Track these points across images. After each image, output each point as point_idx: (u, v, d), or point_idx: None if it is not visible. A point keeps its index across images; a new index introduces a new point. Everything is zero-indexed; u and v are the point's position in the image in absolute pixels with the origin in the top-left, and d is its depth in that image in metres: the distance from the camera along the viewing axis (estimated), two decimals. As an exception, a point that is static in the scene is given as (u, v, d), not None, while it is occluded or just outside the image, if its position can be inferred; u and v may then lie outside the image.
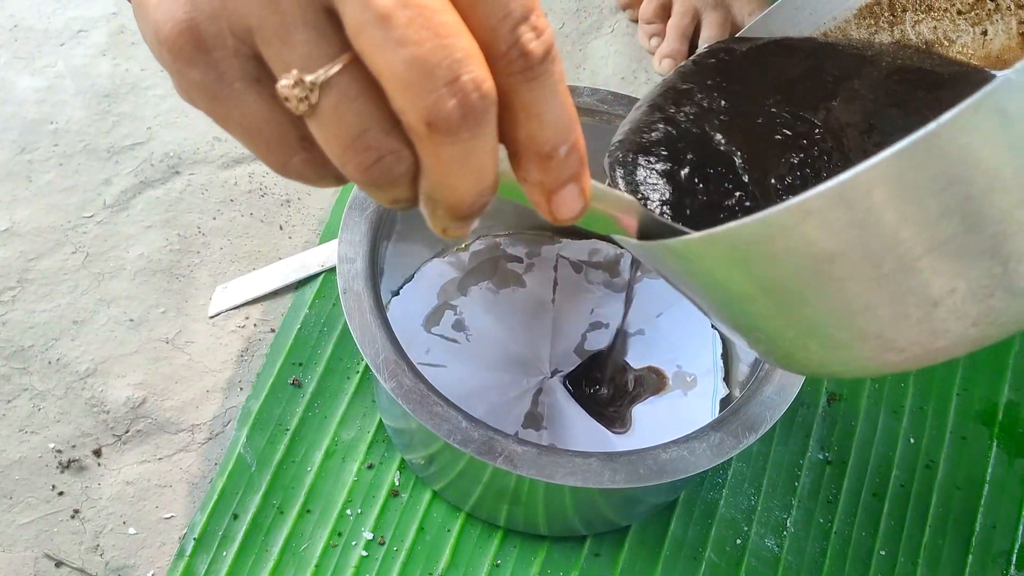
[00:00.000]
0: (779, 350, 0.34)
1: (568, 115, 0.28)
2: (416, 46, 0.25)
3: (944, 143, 0.25)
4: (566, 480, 0.46)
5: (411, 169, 0.27)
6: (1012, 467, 0.62)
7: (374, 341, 0.49)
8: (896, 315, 0.30)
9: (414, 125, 0.26)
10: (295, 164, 0.29)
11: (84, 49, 0.74)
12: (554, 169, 0.29)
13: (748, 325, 0.34)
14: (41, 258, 0.64)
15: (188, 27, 0.26)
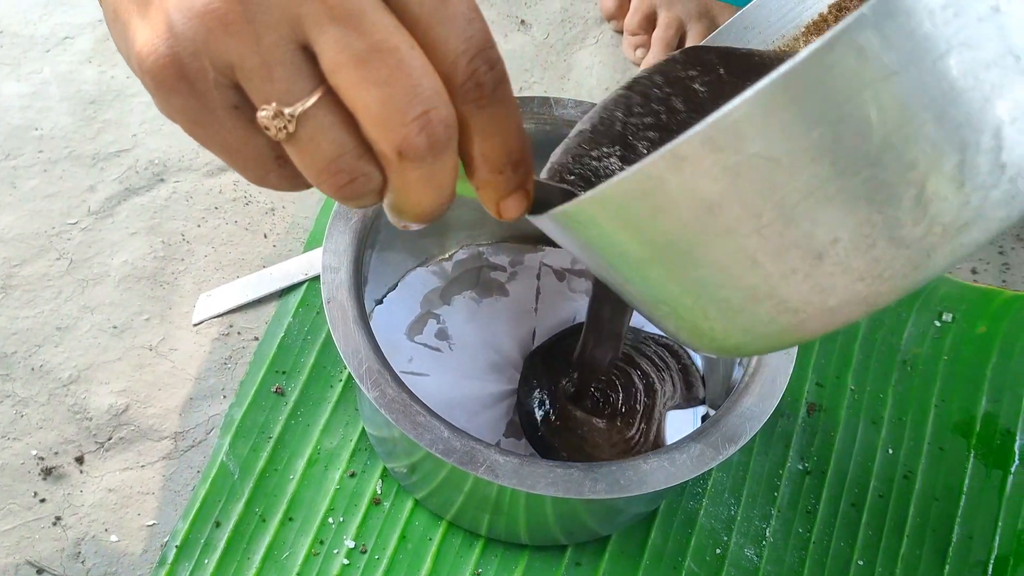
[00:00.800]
0: (685, 323, 0.34)
1: (517, 136, 0.32)
2: (388, 87, 0.27)
3: (803, 81, 0.25)
4: (547, 490, 0.46)
5: (379, 186, 0.31)
6: (989, 478, 0.62)
7: (358, 351, 0.49)
8: (783, 270, 0.29)
9: (386, 153, 0.29)
10: (271, 178, 0.31)
11: (70, 56, 0.74)
12: (504, 182, 0.33)
13: (652, 297, 0.34)
14: (25, 264, 0.64)
15: (171, 61, 0.27)
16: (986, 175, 0.27)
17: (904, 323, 0.67)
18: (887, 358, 0.66)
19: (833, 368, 0.65)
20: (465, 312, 0.63)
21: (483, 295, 0.64)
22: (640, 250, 0.32)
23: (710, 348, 0.35)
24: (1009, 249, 0.73)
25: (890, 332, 0.67)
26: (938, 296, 0.68)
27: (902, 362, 0.66)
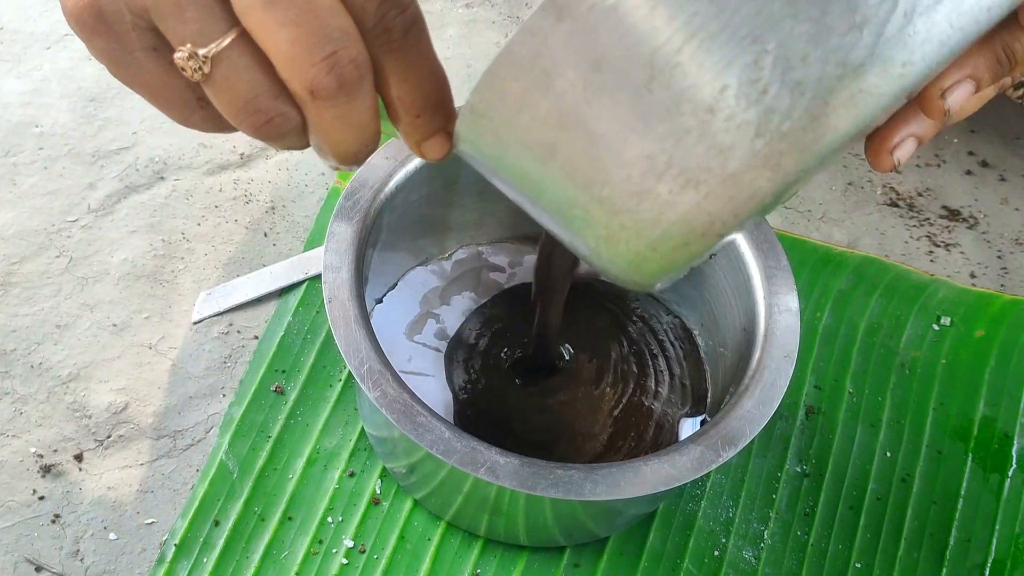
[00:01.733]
0: (600, 230, 0.33)
1: (434, 81, 0.32)
2: (297, 26, 0.28)
3: None
4: (547, 492, 0.46)
5: (299, 126, 0.31)
6: (987, 482, 0.62)
7: (359, 351, 0.49)
8: (677, 130, 0.28)
9: (299, 92, 0.30)
10: (195, 120, 0.32)
11: (70, 53, 0.74)
12: (422, 125, 0.33)
13: (565, 202, 0.33)
14: (24, 261, 0.64)
15: (90, 3, 0.29)
16: (877, 6, 0.26)
17: (902, 326, 0.67)
18: (885, 361, 0.66)
19: (831, 371, 0.65)
20: (465, 313, 0.63)
21: (483, 296, 0.64)
22: (540, 137, 0.31)
23: (630, 261, 0.33)
24: (1008, 253, 0.73)
25: (888, 335, 0.67)
26: (936, 300, 0.69)
27: (900, 365, 0.66)
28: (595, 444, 0.59)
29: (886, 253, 0.72)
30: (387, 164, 0.55)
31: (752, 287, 0.55)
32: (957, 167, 0.77)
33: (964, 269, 0.72)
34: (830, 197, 0.75)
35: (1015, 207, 0.76)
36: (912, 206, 0.75)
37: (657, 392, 0.61)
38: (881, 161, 0.35)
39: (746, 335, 0.55)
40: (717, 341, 0.61)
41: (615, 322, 0.63)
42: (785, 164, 0.28)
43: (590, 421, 0.60)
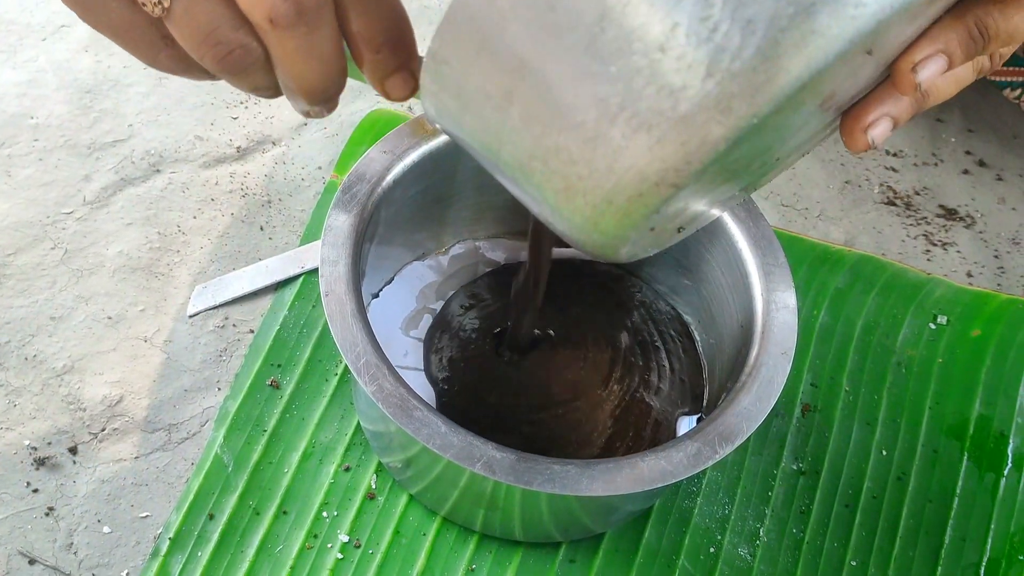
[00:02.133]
0: (559, 180, 0.33)
1: (392, 14, 0.33)
2: None
3: None
4: (543, 487, 0.46)
5: (262, 59, 0.32)
6: (982, 481, 0.62)
7: (355, 345, 0.49)
8: (627, 70, 0.28)
9: (258, 22, 0.31)
10: (162, 59, 0.33)
11: (66, 44, 0.74)
12: (383, 61, 0.34)
13: (525, 153, 0.33)
14: (19, 253, 0.64)
15: None
16: None
17: (899, 325, 0.67)
18: (882, 360, 0.66)
19: (828, 369, 0.65)
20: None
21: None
22: (498, 83, 0.31)
23: (587, 217, 0.33)
24: (1004, 253, 0.73)
25: (885, 334, 0.67)
26: (933, 298, 0.69)
27: (897, 364, 0.66)
28: (595, 440, 0.59)
29: (883, 251, 0.72)
30: (385, 158, 0.55)
31: (750, 284, 0.55)
32: (954, 166, 0.77)
33: (961, 268, 0.72)
34: (828, 195, 0.75)
35: (1012, 207, 0.76)
36: (909, 205, 0.75)
37: (658, 388, 0.61)
38: (855, 140, 0.35)
39: (743, 332, 0.55)
40: (714, 337, 0.60)
41: (614, 315, 0.63)
42: (736, 108, 0.28)
43: (590, 423, 0.59)
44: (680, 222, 0.38)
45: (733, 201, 0.42)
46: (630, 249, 0.36)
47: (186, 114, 0.72)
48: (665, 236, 0.38)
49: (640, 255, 0.39)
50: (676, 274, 0.63)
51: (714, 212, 0.41)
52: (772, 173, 0.40)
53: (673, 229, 0.38)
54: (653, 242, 0.38)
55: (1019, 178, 0.77)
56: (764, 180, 0.41)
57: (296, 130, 0.73)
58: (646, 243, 0.37)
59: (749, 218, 0.56)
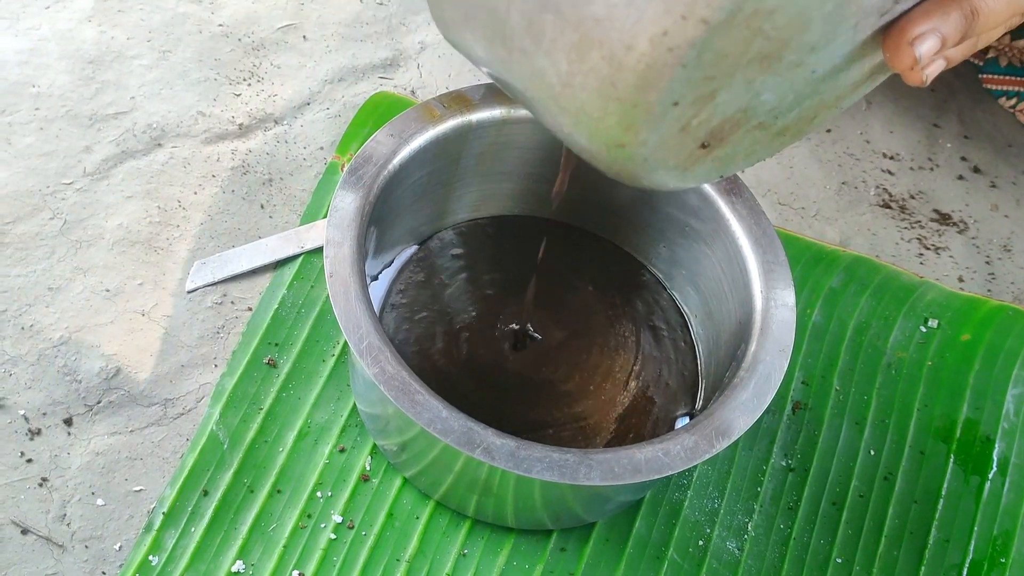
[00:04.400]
0: (559, 58, 0.32)
1: None
2: None
3: None
4: (542, 474, 0.47)
5: None
6: (967, 483, 0.63)
7: (358, 327, 0.49)
8: None
9: None
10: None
11: (70, 13, 0.73)
12: None
13: (525, 22, 0.33)
14: (18, 222, 0.64)
15: None
16: None
17: (890, 327, 0.68)
18: (872, 361, 0.67)
19: (819, 368, 0.66)
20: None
21: (479, 277, 0.65)
22: None
23: (605, 79, 0.32)
24: (996, 259, 0.74)
25: (876, 336, 0.68)
26: (925, 302, 0.69)
27: (887, 365, 0.67)
28: (592, 425, 0.59)
29: (877, 253, 0.73)
30: (392, 141, 0.55)
31: (749, 280, 0.55)
32: (950, 172, 0.78)
33: (953, 273, 0.73)
34: (824, 195, 0.75)
35: (1004, 214, 0.76)
36: (904, 208, 0.75)
37: (656, 380, 0.61)
38: (901, 54, 0.35)
39: (741, 328, 0.55)
40: (711, 332, 0.61)
41: (615, 300, 0.64)
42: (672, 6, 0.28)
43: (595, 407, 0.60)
44: (708, 128, 0.36)
45: (766, 144, 0.40)
46: (652, 151, 0.34)
47: (189, 89, 0.71)
48: (689, 144, 0.36)
49: (662, 178, 0.37)
50: (677, 267, 0.63)
51: (744, 145, 0.39)
52: (811, 107, 0.39)
53: (699, 137, 0.36)
54: (676, 152, 0.36)
55: (1012, 185, 0.78)
56: (804, 116, 0.40)
57: (299, 109, 0.73)
58: (669, 149, 0.35)
59: (751, 216, 0.57)
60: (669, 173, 0.37)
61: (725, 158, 0.39)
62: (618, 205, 0.63)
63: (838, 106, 0.40)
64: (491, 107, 0.58)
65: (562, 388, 0.60)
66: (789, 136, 0.41)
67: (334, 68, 0.75)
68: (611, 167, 0.36)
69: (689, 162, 0.38)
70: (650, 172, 0.36)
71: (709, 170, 0.40)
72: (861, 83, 0.39)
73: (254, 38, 0.75)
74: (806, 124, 0.40)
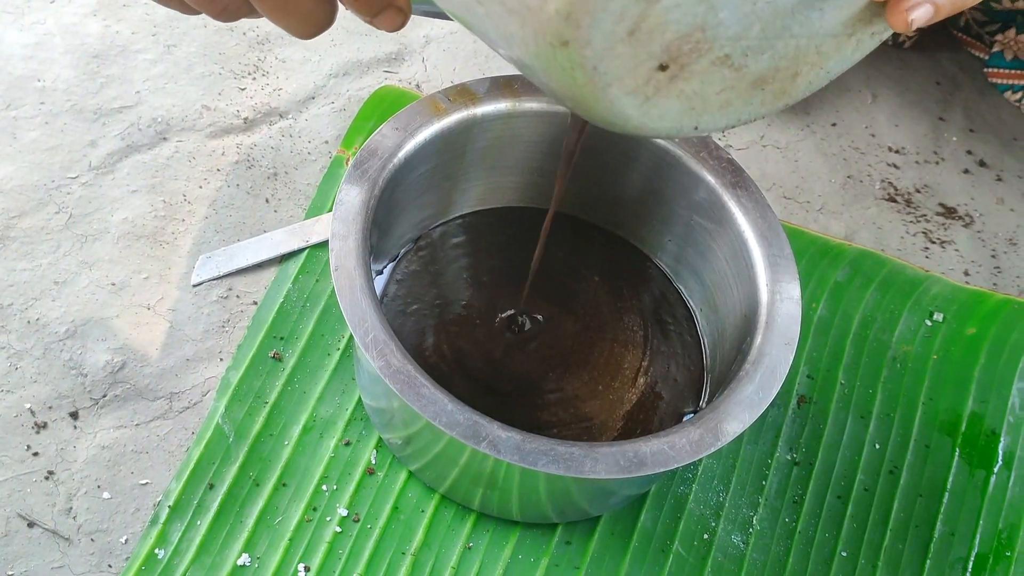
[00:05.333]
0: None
1: None
2: None
3: None
4: (548, 468, 0.47)
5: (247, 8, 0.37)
6: (972, 477, 0.63)
7: (364, 320, 0.49)
8: None
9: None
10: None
11: (74, 8, 0.73)
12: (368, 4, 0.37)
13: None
14: (23, 216, 0.64)
15: None
16: None
17: (896, 320, 0.68)
18: (878, 355, 0.67)
19: (824, 362, 0.66)
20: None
21: (484, 271, 0.65)
22: None
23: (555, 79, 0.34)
24: (1001, 253, 0.74)
25: (881, 329, 0.68)
26: (930, 296, 0.69)
27: (892, 359, 0.67)
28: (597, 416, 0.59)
29: (882, 247, 0.73)
30: (397, 135, 0.55)
31: (755, 274, 0.55)
32: (955, 165, 0.78)
33: (958, 267, 0.73)
34: (829, 189, 0.75)
35: (1010, 207, 0.76)
36: (909, 202, 0.75)
37: (663, 372, 0.61)
38: (896, 16, 0.36)
39: (746, 321, 0.55)
40: (716, 326, 0.61)
41: (622, 292, 0.64)
42: None
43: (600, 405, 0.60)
44: (662, 40, 0.34)
45: (743, 94, 0.39)
46: (600, 55, 0.34)
47: (193, 83, 0.72)
48: (643, 58, 0.35)
49: (621, 105, 0.36)
50: (683, 261, 0.63)
51: (714, 85, 0.38)
52: (787, 54, 0.38)
53: (653, 52, 0.35)
54: (631, 66, 0.35)
55: (1018, 179, 0.78)
56: (782, 67, 0.38)
57: (303, 103, 0.73)
58: (620, 59, 0.34)
59: (756, 209, 0.57)
60: (628, 100, 0.36)
61: (694, 96, 0.37)
62: (625, 198, 0.63)
63: (823, 66, 0.39)
64: (496, 101, 0.58)
65: (569, 389, 0.60)
66: (770, 94, 0.39)
67: (339, 62, 0.75)
68: (563, 83, 0.35)
69: (650, 88, 0.36)
70: (604, 91, 0.35)
71: (677, 110, 0.38)
72: (843, 39, 0.38)
73: (258, 32, 0.75)
74: (788, 82, 0.39)
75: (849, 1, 0.37)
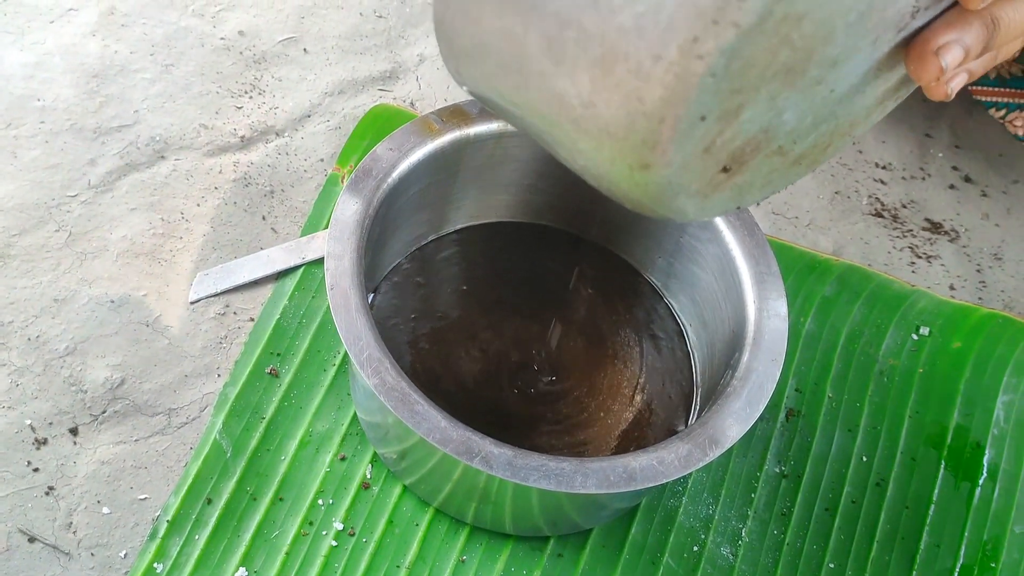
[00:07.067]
0: (580, 75, 0.33)
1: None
2: None
3: None
4: (539, 483, 0.48)
5: None
6: (958, 489, 0.64)
7: (359, 338, 0.50)
8: None
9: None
10: None
11: (74, 28, 0.74)
12: None
13: (533, 75, 0.34)
14: (24, 234, 0.65)
15: None
16: None
17: (883, 335, 0.69)
18: (865, 368, 0.68)
19: (812, 376, 0.67)
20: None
21: (477, 288, 0.66)
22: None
23: (631, 94, 0.32)
24: (986, 267, 0.75)
25: (868, 343, 0.69)
26: (916, 310, 0.70)
27: (879, 373, 0.68)
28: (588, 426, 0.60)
29: (869, 262, 0.74)
30: (391, 155, 0.56)
31: (743, 291, 0.56)
32: (941, 181, 0.79)
33: (944, 281, 0.74)
34: (817, 205, 0.76)
35: (995, 223, 0.78)
36: (896, 217, 0.77)
37: (657, 391, 0.62)
38: (926, 63, 0.36)
39: (734, 337, 0.56)
40: (706, 342, 0.62)
41: (616, 308, 0.65)
42: None
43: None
44: (731, 148, 0.35)
45: (783, 172, 0.40)
46: (676, 172, 0.34)
47: (191, 102, 0.73)
48: (712, 166, 0.36)
49: (682, 204, 0.37)
50: (673, 277, 0.64)
51: (763, 172, 0.39)
52: (827, 132, 0.39)
53: (722, 160, 0.36)
54: (700, 175, 0.36)
55: (1003, 195, 0.79)
56: (820, 143, 0.40)
57: (299, 122, 0.74)
58: (692, 171, 0.35)
59: (744, 227, 0.58)
60: (690, 200, 0.37)
61: (744, 186, 0.39)
62: (617, 217, 0.65)
63: (851, 133, 0.41)
64: (488, 121, 0.59)
65: (566, 398, 0.61)
66: (805, 166, 0.41)
67: (334, 81, 0.77)
68: (631, 193, 0.36)
69: (710, 188, 0.37)
70: (672, 198, 0.36)
71: (727, 199, 0.39)
72: (873, 109, 0.40)
73: (255, 51, 0.77)
74: (820, 152, 0.40)
75: (887, 79, 0.38)
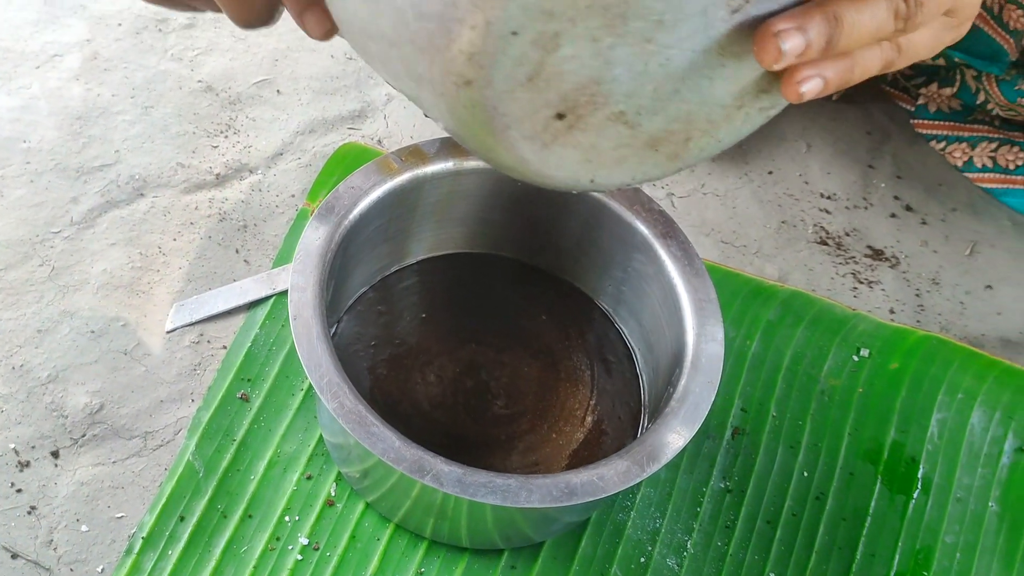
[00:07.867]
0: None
1: None
2: None
3: None
4: (486, 499, 0.51)
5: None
6: (893, 502, 0.68)
7: (319, 365, 0.54)
8: None
9: None
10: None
11: (59, 73, 0.79)
12: None
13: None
14: (9, 269, 0.68)
15: None
16: None
17: (824, 356, 0.73)
18: (807, 388, 0.71)
19: (757, 395, 0.71)
20: (420, 331, 0.68)
21: (438, 316, 0.69)
22: None
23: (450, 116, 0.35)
24: (924, 292, 0.79)
25: (811, 364, 0.73)
26: (857, 332, 0.74)
27: (820, 392, 0.71)
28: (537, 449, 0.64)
29: (813, 288, 0.78)
30: (352, 193, 0.60)
31: (683, 317, 0.60)
32: (883, 210, 0.83)
33: (884, 305, 0.78)
34: (764, 233, 0.80)
35: (934, 249, 0.82)
36: (840, 245, 0.81)
37: (608, 413, 0.66)
38: (766, 46, 0.37)
39: (675, 360, 0.60)
40: (652, 366, 0.66)
41: (567, 332, 0.69)
42: None
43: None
44: (560, 89, 0.36)
45: (637, 152, 0.41)
46: (500, 96, 0.35)
47: (169, 142, 0.77)
48: (541, 105, 0.37)
49: (521, 149, 0.38)
50: (622, 304, 0.68)
51: (609, 140, 0.39)
52: (679, 117, 0.40)
53: (551, 100, 0.37)
54: (529, 111, 0.37)
55: (941, 222, 0.83)
56: (674, 129, 0.40)
57: (272, 159, 0.78)
58: (519, 103, 0.36)
59: (684, 257, 0.61)
60: (527, 144, 0.38)
61: (590, 149, 0.39)
62: (565, 245, 0.68)
63: (713, 134, 0.41)
64: (444, 160, 0.62)
65: (518, 430, 0.65)
66: (663, 155, 0.41)
67: (306, 120, 0.81)
68: (465, 123, 0.37)
69: (547, 135, 0.38)
70: (504, 133, 0.37)
71: (575, 161, 0.40)
72: (734, 111, 0.41)
73: (231, 93, 0.81)
74: (681, 146, 0.41)
75: (738, 75, 0.39)
